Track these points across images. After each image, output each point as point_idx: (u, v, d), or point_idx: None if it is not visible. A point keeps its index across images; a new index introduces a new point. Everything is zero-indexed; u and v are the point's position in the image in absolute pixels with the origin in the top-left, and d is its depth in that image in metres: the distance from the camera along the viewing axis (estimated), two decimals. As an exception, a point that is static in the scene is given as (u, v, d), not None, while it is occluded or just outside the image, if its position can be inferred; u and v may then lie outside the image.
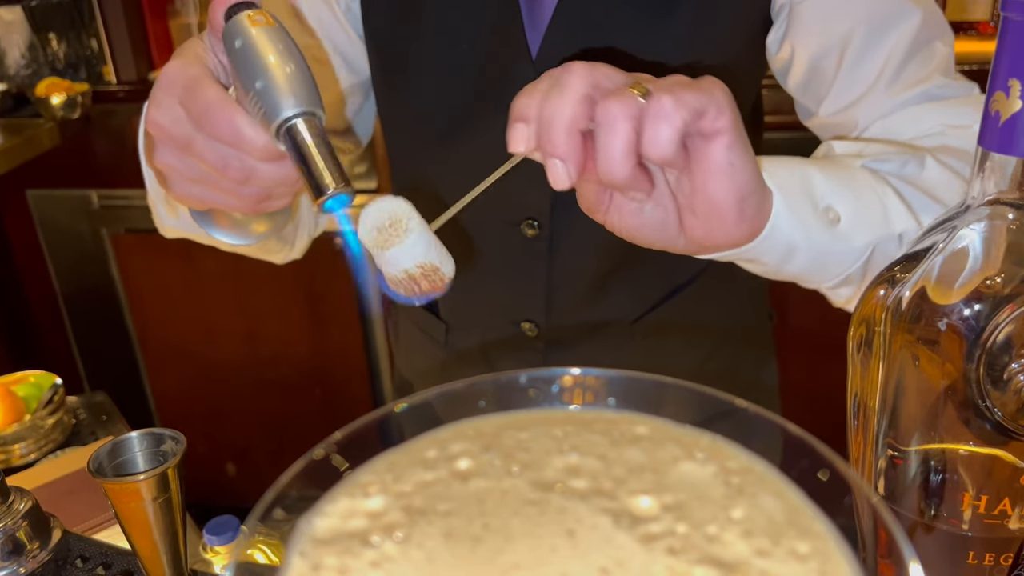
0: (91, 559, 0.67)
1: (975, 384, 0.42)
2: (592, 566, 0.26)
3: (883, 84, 0.69)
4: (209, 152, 0.51)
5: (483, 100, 0.77)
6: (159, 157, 0.55)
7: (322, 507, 0.30)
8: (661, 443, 0.31)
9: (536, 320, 0.84)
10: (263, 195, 0.54)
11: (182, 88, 0.51)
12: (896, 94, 0.69)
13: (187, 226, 0.76)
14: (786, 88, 0.76)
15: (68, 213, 2.13)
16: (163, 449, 0.57)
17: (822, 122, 0.74)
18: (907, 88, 0.69)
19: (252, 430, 2.23)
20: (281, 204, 0.57)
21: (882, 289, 0.45)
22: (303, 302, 2.08)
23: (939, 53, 0.70)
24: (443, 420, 0.34)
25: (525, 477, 0.30)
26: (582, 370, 0.34)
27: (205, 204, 0.57)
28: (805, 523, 0.27)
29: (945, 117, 0.67)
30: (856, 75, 0.69)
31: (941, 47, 0.70)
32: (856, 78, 0.69)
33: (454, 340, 0.91)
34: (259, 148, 0.50)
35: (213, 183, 0.54)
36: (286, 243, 0.83)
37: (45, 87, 2.00)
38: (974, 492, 0.43)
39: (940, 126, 0.66)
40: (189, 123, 0.51)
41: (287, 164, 0.51)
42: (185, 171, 0.54)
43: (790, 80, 0.74)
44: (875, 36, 0.68)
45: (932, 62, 0.69)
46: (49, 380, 1.10)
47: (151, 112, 0.54)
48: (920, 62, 0.69)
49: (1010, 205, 0.42)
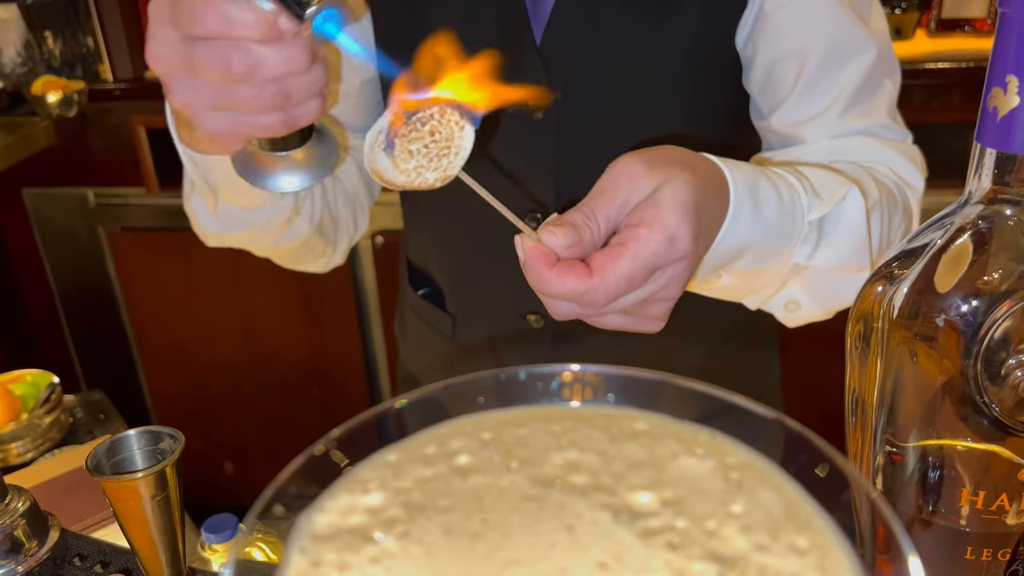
0: (89, 557, 0.67)
1: (973, 380, 0.42)
2: (591, 561, 0.26)
3: (836, 111, 0.73)
4: (208, 56, 0.50)
5: None
6: (175, 96, 0.54)
7: (322, 503, 0.30)
8: (660, 439, 0.31)
9: (542, 311, 0.84)
10: (282, 95, 0.53)
11: (170, 9, 0.51)
12: (847, 123, 0.73)
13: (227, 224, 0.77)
14: (745, 83, 0.79)
15: (64, 212, 2.13)
16: (161, 447, 0.57)
17: (772, 128, 0.77)
18: (857, 119, 0.74)
19: (250, 429, 2.22)
20: (309, 111, 0.55)
21: (880, 285, 0.45)
22: (301, 301, 2.08)
23: (887, 91, 0.75)
24: (442, 416, 0.34)
25: (524, 473, 0.30)
26: (581, 366, 0.34)
27: (236, 134, 0.56)
28: (804, 518, 0.27)
29: (892, 161, 0.73)
30: (812, 95, 0.73)
31: (889, 86, 0.76)
32: (811, 98, 0.73)
33: (461, 334, 0.92)
34: (249, 22, 0.49)
35: (230, 98, 0.52)
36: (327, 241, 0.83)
37: (41, 85, 2.00)
38: (972, 488, 0.44)
39: (885, 167, 0.72)
40: (183, 38, 0.51)
41: (290, 43, 0.51)
42: (202, 99, 0.53)
43: (750, 78, 0.77)
44: (834, 61, 0.72)
45: (881, 98, 0.75)
46: (46, 379, 1.10)
47: (149, 49, 0.53)
48: (871, 96, 0.74)
49: (1007, 201, 0.42)
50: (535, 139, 0.79)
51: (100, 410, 1.16)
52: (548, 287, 0.51)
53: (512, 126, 0.78)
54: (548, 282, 0.51)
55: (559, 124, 0.78)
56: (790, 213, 0.61)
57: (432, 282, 0.94)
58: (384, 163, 0.49)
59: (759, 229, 0.59)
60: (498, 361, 0.90)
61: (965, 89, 1.71)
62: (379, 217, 1.94)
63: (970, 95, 1.79)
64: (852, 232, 0.65)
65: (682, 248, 0.51)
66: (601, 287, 0.50)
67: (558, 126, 0.78)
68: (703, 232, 0.54)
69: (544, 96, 0.76)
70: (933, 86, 1.72)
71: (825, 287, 0.68)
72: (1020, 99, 0.39)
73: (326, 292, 2.04)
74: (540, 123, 0.78)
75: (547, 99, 0.76)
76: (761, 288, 0.68)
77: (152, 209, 2.07)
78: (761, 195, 0.60)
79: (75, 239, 2.15)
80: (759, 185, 0.60)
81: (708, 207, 0.55)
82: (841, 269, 0.66)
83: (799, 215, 0.62)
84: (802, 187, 0.63)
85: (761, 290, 0.69)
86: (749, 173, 0.60)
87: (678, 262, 0.52)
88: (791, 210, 0.62)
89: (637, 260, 0.51)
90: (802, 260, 0.64)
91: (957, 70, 1.69)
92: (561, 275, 0.50)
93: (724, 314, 0.78)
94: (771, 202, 0.60)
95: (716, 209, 0.56)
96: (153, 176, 2.01)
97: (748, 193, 0.59)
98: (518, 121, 0.78)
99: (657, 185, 0.52)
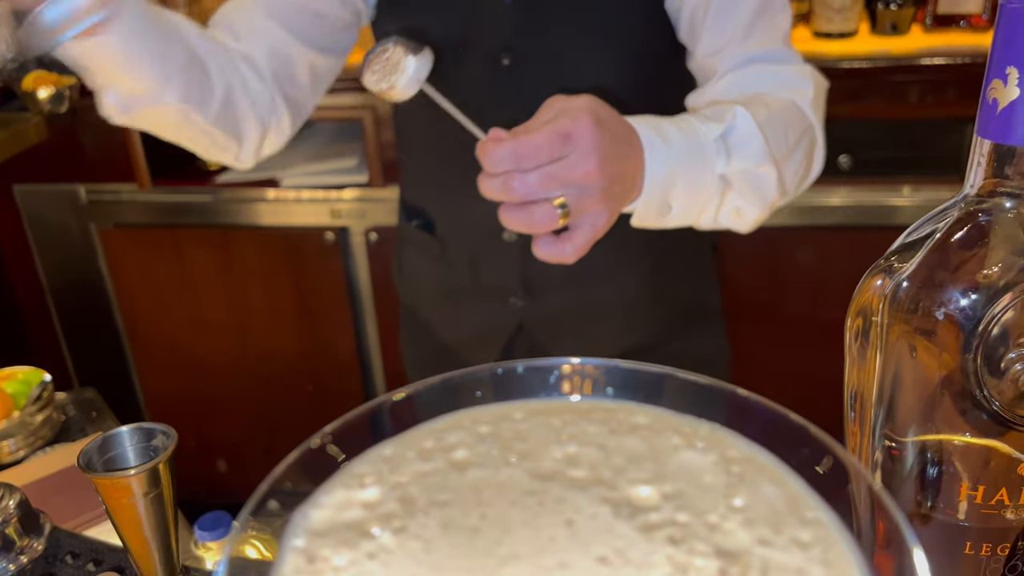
0: (82, 555, 0.66)
1: (972, 374, 0.42)
2: (592, 556, 0.26)
3: (738, 38, 0.91)
4: None
5: (465, 46, 0.95)
6: None
7: (317, 498, 0.29)
8: (660, 432, 0.31)
9: None
10: None
11: None
12: (748, 48, 0.91)
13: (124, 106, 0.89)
14: (679, 36, 0.97)
15: (56, 208, 2.12)
16: (154, 444, 0.56)
17: (698, 63, 0.96)
18: (757, 45, 0.92)
19: (243, 426, 2.22)
20: None
21: (879, 279, 0.45)
22: (294, 297, 2.07)
23: (780, 24, 0.94)
24: (439, 410, 0.33)
25: (523, 467, 0.30)
26: (580, 360, 0.33)
27: None
28: (806, 511, 0.27)
29: (785, 79, 0.91)
30: (717, 27, 0.92)
31: (782, 19, 0.94)
32: (717, 30, 0.92)
33: (449, 254, 1.09)
34: None
35: None
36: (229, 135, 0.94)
37: (32, 80, 1.98)
38: (971, 483, 0.43)
39: (779, 87, 0.90)
40: None
41: None
42: None
43: (680, 25, 0.95)
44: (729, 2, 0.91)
45: (775, 29, 0.93)
46: (37, 376, 1.09)
47: None
48: (765, 26, 0.92)
49: (1007, 194, 0.42)
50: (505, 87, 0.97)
51: (92, 407, 1.15)
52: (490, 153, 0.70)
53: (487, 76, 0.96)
54: (491, 151, 0.70)
55: (524, 74, 0.96)
56: (694, 138, 0.78)
57: (423, 213, 1.11)
58: (363, 78, 0.81)
59: (675, 156, 0.76)
60: (475, 274, 1.08)
61: (960, 85, 1.71)
62: (373, 214, 1.93)
63: (966, 91, 1.79)
64: (750, 138, 0.81)
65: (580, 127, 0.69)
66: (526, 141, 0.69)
67: (523, 76, 0.96)
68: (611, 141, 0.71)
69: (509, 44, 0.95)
70: (928, 82, 1.72)
71: (753, 187, 0.84)
72: (1020, 91, 0.39)
73: (320, 288, 2.04)
74: (509, 71, 0.96)
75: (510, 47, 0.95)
76: (705, 205, 0.83)
77: (144, 205, 2.06)
78: (665, 131, 0.77)
79: (67, 236, 2.13)
80: (659, 125, 0.78)
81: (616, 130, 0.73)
82: (755, 168, 0.82)
83: (702, 137, 0.79)
84: (696, 119, 0.80)
85: (707, 207, 0.84)
86: (650, 119, 0.78)
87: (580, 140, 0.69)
88: (694, 136, 0.78)
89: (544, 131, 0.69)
90: (722, 169, 0.80)
91: (953, 66, 1.69)
92: (495, 143, 0.70)
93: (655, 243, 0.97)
94: (675, 134, 0.77)
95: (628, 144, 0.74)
96: (145, 172, 2.00)
97: (653, 132, 0.76)
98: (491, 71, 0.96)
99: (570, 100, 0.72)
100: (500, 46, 0.95)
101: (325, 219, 1.95)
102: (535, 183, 0.70)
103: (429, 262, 1.12)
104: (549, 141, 0.69)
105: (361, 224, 1.94)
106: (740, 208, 0.85)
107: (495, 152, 0.70)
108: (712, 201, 0.83)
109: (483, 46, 0.96)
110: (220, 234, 2.01)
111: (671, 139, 0.77)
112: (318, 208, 1.95)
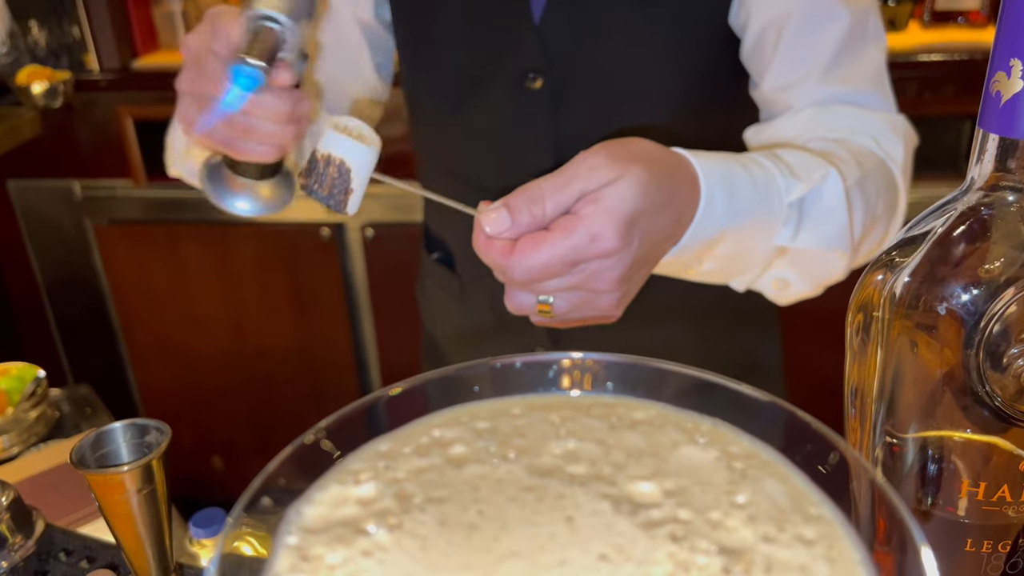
0: (75, 552, 0.66)
1: (974, 370, 0.41)
2: (592, 553, 0.25)
3: (816, 75, 0.75)
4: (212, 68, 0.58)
5: (491, 67, 0.83)
6: (179, 81, 0.62)
7: (311, 495, 0.29)
8: (661, 427, 0.31)
9: None
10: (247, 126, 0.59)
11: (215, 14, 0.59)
12: (828, 88, 0.75)
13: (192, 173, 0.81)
14: (741, 58, 0.81)
15: (50, 204, 2.10)
16: (147, 440, 0.56)
17: (764, 95, 0.79)
18: (838, 84, 0.75)
19: (239, 423, 2.21)
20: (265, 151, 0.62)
21: (880, 274, 0.45)
22: (290, 293, 2.06)
23: (871, 59, 0.76)
24: (437, 406, 0.33)
25: (521, 463, 0.29)
26: (581, 354, 0.33)
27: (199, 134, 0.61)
28: (810, 507, 0.27)
29: (875, 130, 0.74)
30: (791, 59, 0.76)
31: (874, 52, 0.77)
32: (791, 62, 0.76)
33: (468, 294, 0.98)
34: None
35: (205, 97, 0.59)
36: None
37: (26, 75, 1.97)
38: (972, 479, 0.43)
39: (868, 136, 0.73)
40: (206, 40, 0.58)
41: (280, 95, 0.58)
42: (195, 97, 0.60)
43: (744, 46, 0.80)
44: (808, 26, 0.75)
45: (863, 66, 0.76)
46: (32, 372, 1.08)
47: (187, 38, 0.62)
48: (851, 62, 0.75)
49: (1010, 188, 0.42)
50: (534, 111, 0.82)
51: (87, 404, 1.14)
52: (481, 254, 0.58)
53: (514, 99, 0.83)
54: (480, 248, 0.57)
55: (558, 96, 0.81)
56: (766, 196, 0.63)
57: (443, 246, 1.00)
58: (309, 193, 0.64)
59: (735, 215, 0.61)
60: (498, 319, 0.93)
61: (959, 82, 1.71)
62: (369, 210, 1.92)
63: (963, 88, 1.79)
64: (832, 213, 0.66)
65: (603, 247, 0.55)
66: (519, 267, 0.55)
67: (557, 98, 0.81)
68: (645, 233, 0.57)
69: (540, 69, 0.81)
70: (926, 78, 1.72)
71: (812, 266, 0.69)
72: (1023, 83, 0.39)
73: (316, 284, 2.03)
74: (539, 95, 0.82)
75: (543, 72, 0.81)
76: (745, 271, 0.69)
77: (139, 201, 2.05)
78: (735, 182, 0.61)
79: (61, 231, 2.12)
80: (732, 173, 0.62)
81: (663, 204, 0.58)
82: (824, 251, 0.67)
83: (776, 197, 0.64)
84: (778, 170, 0.65)
85: (745, 272, 0.70)
86: (720, 163, 0.62)
87: (602, 259, 0.56)
88: (767, 193, 0.63)
89: (556, 249, 0.55)
90: (784, 242, 0.65)
91: (950, 62, 1.69)
92: (487, 247, 0.57)
93: (706, 291, 0.80)
94: (746, 188, 0.62)
95: (683, 201, 0.59)
96: (141, 168, 1.99)
97: (720, 182, 0.60)
98: (518, 94, 0.82)
99: (611, 180, 0.55)
100: (527, 68, 0.82)
101: (321, 215, 1.94)
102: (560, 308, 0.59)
103: (450, 298, 1.01)
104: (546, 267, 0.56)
105: (357, 220, 1.94)
106: (787, 280, 0.71)
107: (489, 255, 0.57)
108: (754, 269, 0.69)
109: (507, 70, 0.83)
110: (215, 230, 2.00)
111: (738, 194, 0.62)
112: (313, 204, 1.93)
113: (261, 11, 0.57)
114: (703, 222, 0.60)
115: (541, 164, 0.82)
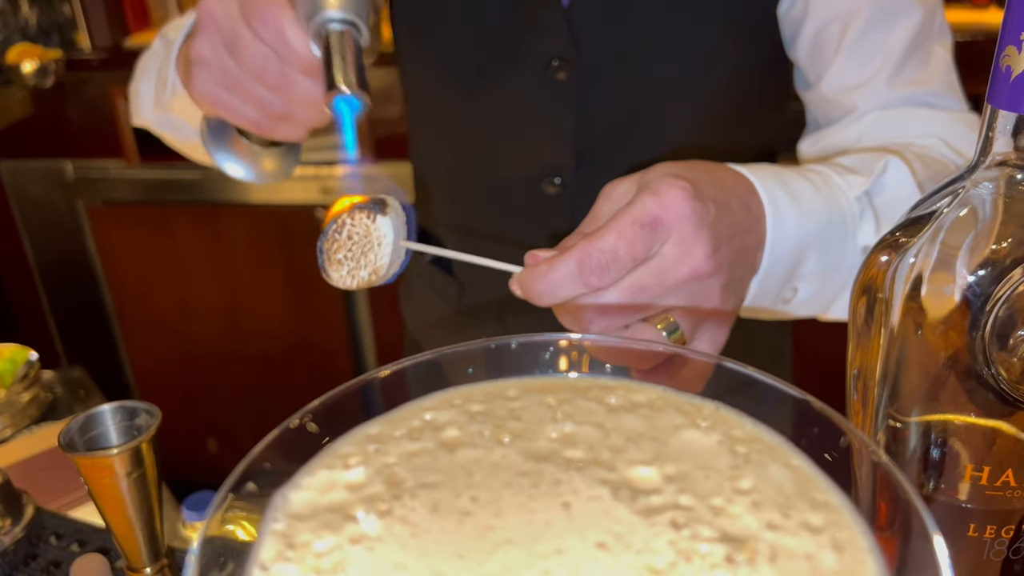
0: (66, 536, 0.65)
1: (980, 353, 0.40)
2: (590, 541, 0.24)
3: (884, 76, 0.70)
4: (252, 52, 0.53)
5: (510, 49, 0.77)
6: (198, 47, 0.56)
7: (298, 480, 0.28)
8: (661, 411, 0.30)
9: None
10: (282, 112, 0.56)
11: None
12: (896, 90, 0.70)
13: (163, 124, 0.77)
14: (791, 52, 0.75)
15: (42, 184, 2.08)
16: (137, 423, 0.55)
17: (822, 96, 0.73)
18: (908, 86, 0.70)
19: (233, 406, 2.20)
20: (295, 133, 0.59)
21: (885, 255, 0.44)
22: (284, 275, 2.05)
23: (940, 58, 0.72)
24: (429, 388, 0.32)
25: (517, 447, 0.28)
26: (578, 335, 0.32)
27: (215, 105, 0.57)
28: (816, 493, 0.26)
29: (946, 131, 0.68)
30: (858, 58, 0.70)
31: (940, 50, 0.73)
32: (858, 62, 0.70)
33: (468, 299, 0.91)
34: (298, 56, 0.52)
35: (242, 89, 0.55)
36: None
37: (16, 54, 1.95)
38: (976, 464, 0.42)
39: (936, 139, 0.67)
40: (240, 17, 0.53)
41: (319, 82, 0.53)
42: (218, 71, 0.56)
43: (797, 45, 0.74)
44: (878, 22, 0.70)
45: (931, 64, 0.72)
46: (24, 354, 1.07)
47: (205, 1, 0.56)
48: (920, 61, 0.71)
49: (1019, 167, 0.41)
50: (557, 100, 0.76)
51: (80, 386, 1.13)
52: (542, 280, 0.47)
53: (535, 87, 0.77)
54: (541, 277, 0.47)
55: (584, 86, 0.75)
56: (830, 196, 0.57)
57: (439, 244, 0.93)
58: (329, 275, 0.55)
59: (806, 219, 0.55)
60: (504, 325, 0.89)
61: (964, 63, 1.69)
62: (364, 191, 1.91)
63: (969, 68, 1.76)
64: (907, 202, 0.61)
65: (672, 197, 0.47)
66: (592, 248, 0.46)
67: (583, 87, 0.75)
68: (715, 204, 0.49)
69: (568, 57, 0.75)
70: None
71: None
72: (1035, 58, 0.38)
73: (310, 266, 2.01)
74: (564, 84, 0.76)
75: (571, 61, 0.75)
76: (844, 288, 0.60)
77: (132, 182, 2.03)
78: (793, 186, 0.55)
79: (53, 212, 2.11)
80: (787, 178, 0.56)
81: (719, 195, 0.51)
82: None
83: (839, 194, 0.58)
84: (832, 170, 0.59)
85: (844, 291, 0.61)
86: (772, 171, 0.56)
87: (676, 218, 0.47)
88: (830, 193, 0.57)
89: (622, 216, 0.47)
90: (869, 241, 0.59)
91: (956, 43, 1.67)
92: (550, 264, 0.47)
93: None
94: (806, 190, 0.56)
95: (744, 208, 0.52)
96: (133, 148, 1.97)
97: (779, 186, 0.54)
98: (541, 82, 0.76)
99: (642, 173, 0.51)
100: (552, 54, 0.76)
101: (315, 196, 1.93)
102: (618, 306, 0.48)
103: (444, 304, 0.93)
104: (626, 238, 0.46)
105: (352, 201, 1.92)
106: None
107: (547, 278, 0.47)
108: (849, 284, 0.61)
109: (531, 56, 0.77)
110: (209, 211, 1.99)
111: (801, 196, 0.55)
112: (308, 185, 1.92)
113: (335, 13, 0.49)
114: (776, 232, 0.53)
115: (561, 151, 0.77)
